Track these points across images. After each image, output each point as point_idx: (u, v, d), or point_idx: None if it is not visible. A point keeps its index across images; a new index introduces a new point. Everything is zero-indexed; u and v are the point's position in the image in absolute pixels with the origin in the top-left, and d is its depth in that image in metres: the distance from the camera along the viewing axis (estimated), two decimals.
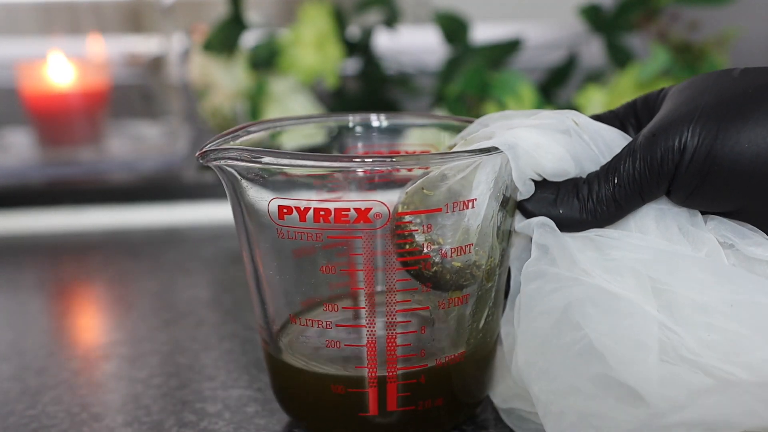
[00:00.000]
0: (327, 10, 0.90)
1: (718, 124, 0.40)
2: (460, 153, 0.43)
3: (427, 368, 0.44)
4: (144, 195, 0.89)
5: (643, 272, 0.41)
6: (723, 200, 0.42)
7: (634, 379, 0.40)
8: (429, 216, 0.42)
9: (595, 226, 0.43)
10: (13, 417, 0.49)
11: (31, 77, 0.97)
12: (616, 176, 0.42)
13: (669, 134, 0.41)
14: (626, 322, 0.40)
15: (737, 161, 0.40)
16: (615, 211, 0.43)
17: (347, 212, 0.41)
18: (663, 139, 0.41)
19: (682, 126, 0.41)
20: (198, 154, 0.43)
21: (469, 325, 0.45)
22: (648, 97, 0.46)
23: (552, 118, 0.44)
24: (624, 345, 0.40)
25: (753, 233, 0.42)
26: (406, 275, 0.43)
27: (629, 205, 0.43)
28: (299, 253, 0.44)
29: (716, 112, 0.41)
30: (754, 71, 0.42)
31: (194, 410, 0.50)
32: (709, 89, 0.42)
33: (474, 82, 0.81)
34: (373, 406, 0.44)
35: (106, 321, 0.67)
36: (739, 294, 0.40)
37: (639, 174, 0.42)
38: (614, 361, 0.40)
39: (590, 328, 0.41)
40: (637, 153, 0.42)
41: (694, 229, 0.43)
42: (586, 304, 0.41)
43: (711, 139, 0.40)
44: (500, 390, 0.47)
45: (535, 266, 0.43)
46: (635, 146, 0.42)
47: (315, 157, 0.42)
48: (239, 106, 0.94)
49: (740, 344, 0.39)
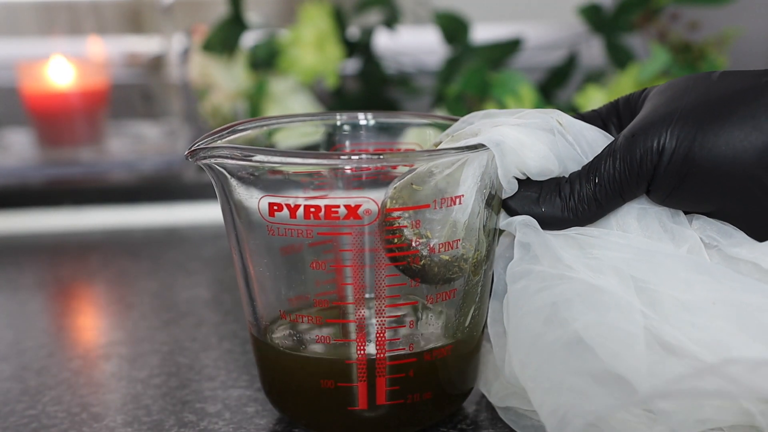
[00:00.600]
0: (327, 10, 0.90)
1: (696, 127, 0.41)
2: (447, 150, 0.43)
3: (416, 362, 0.44)
4: (144, 195, 0.89)
5: (625, 270, 0.42)
6: (702, 201, 0.43)
7: (624, 370, 0.40)
8: (417, 212, 0.43)
9: (576, 224, 0.44)
10: (13, 417, 0.49)
11: (32, 77, 0.97)
12: (597, 176, 0.43)
13: (648, 135, 0.42)
14: (612, 314, 0.41)
15: (715, 163, 0.41)
16: (596, 210, 0.43)
17: (337, 209, 0.42)
18: (642, 140, 0.42)
19: (661, 128, 0.42)
20: (187, 152, 0.44)
21: (457, 319, 0.46)
22: (630, 97, 0.47)
23: (536, 117, 0.45)
24: (611, 337, 0.40)
25: (736, 232, 0.43)
26: (395, 271, 0.43)
27: (610, 204, 0.43)
28: (289, 250, 0.45)
29: (695, 115, 0.41)
30: (733, 75, 0.43)
31: (194, 410, 0.50)
32: (689, 92, 0.43)
33: (474, 82, 0.81)
34: (362, 400, 0.44)
35: (106, 321, 0.67)
36: (721, 291, 0.41)
37: (619, 174, 0.42)
38: (604, 354, 0.40)
39: (578, 323, 0.41)
40: (617, 153, 0.43)
41: (675, 227, 0.43)
42: (572, 300, 0.42)
43: (689, 141, 0.41)
44: (496, 389, 0.47)
45: (519, 266, 0.44)
46: (615, 146, 0.43)
47: (304, 155, 0.42)
48: (239, 106, 0.94)
49: (725, 342, 0.40)
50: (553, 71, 0.94)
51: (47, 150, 0.97)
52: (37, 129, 0.98)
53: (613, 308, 0.41)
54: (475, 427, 0.47)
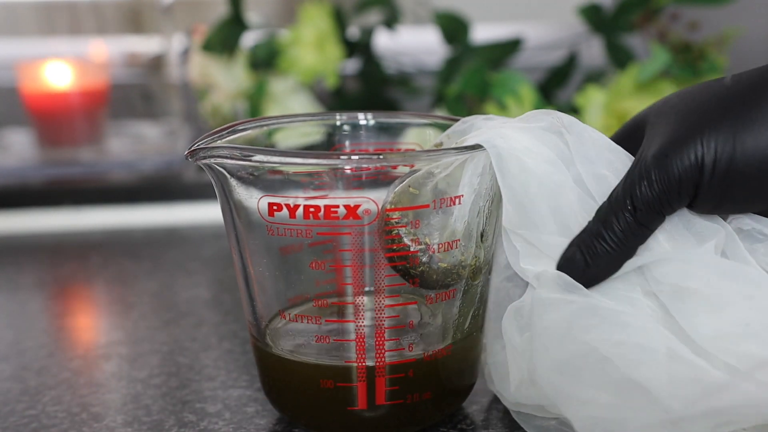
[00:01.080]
0: (327, 10, 0.90)
1: (732, 134, 0.40)
2: (446, 150, 0.43)
3: (416, 362, 0.44)
4: (144, 195, 0.89)
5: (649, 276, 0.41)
6: (750, 204, 0.42)
7: (644, 380, 0.40)
8: (416, 213, 0.43)
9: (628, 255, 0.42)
10: (13, 417, 0.49)
11: (32, 77, 0.97)
12: (635, 201, 0.41)
13: (683, 152, 0.41)
14: (630, 329, 0.41)
15: (760, 165, 0.40)
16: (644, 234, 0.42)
17: (336, 209, 0.42)
18: (677, 158, 0.41)
19: (695, 143, 0.40)
20: (187, 152, 0.44)
21: (456, 320, 0.46)
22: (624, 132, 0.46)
23: (542, 120, 0.44)
24: (631, 349, 0.40)
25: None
26: (394, 271, 0.43)
27: (654, 225, 0.42)
28: (289, 250, 0.45)
29: (727, 123, 0.40)
30: (745, 76, 0.42)
31: (194, 410, 0.50)
32: (710, 101, 0.42)
33: (474, 82, 0.81)
34: (362, 400, 0.44)
35: (106, 321, 0.67)
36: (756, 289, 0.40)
37: (658, 196, 0.41)
38: (623, 365, 0.40)
39: (597, 341, 0.41)
40: (652, 176, 0.41)
41: (702, 222, 0.42)
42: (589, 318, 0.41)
43: (729, 150, 0.40)
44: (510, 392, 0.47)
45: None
46: (644, 169, 0.41)
47: (304, 155, 0.42)
48: (239, 106, 0.94)
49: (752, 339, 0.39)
50: (553, 71, 0.94)
51: (47, 150, 0.97)
52: (37, 129, 0.98)
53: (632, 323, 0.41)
54: (475, 427, 0.47)
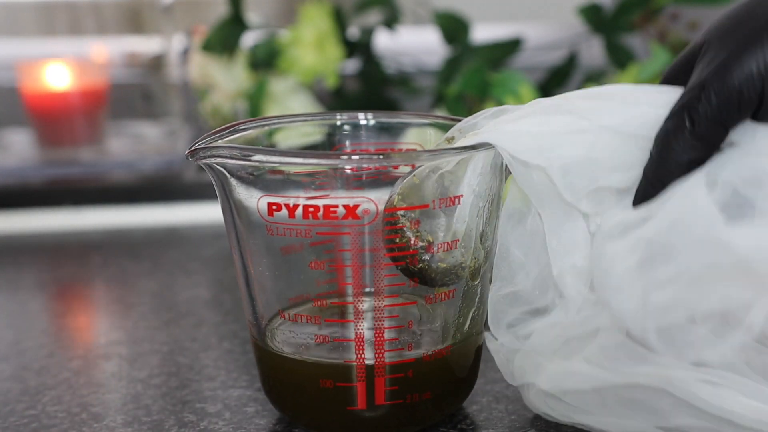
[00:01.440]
0: (327, 10, 0.90)
1: None
2: (446, 150, 0.43)
3: (415, 362, 0.44)
4: (144, 195, 0.89)
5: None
6: None
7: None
8: (417, 211, 0.43)
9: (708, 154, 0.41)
10: (13, 417, 0.49)
11: (32, 77, 0.97)
12: (695, 115, 0.40)
13: (742, 63, 0.40)
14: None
15: None
16: (720, 136, 0.41)
17: (335, 209, 0.42)
18: (737, 69, 0.40)
19: (754, 52, 0.40)
20: (188, 152, 0.44)
21: (456, 320, 0.46)
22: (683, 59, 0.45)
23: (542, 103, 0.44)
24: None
25: None
26: (394, 271, 0.43)
27: (717, 137, 0.41)
28: (288, 250, 0.45)
29: None
30: None
31: (194, 410, 0.50)
32: (757, 11, 0.41)
33: (474, 82, 0.81)
34: (361, 400, 0.44)
35: (106, 321, 0.67)
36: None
37: (718, 109, 0.40)
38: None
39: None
40: (710, 88, 0.40)
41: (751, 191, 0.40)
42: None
43: None
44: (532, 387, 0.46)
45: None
46: (702, 82, 0.40)
47: (304, 155, 0.42)
48: (239, 106, 0.94)
49: None
50: (553, 71, 0.94)
51: (47, 150, 0.97)
52: (37, 129, 0.98)
53: None
54: (475, 427, 0.47)
